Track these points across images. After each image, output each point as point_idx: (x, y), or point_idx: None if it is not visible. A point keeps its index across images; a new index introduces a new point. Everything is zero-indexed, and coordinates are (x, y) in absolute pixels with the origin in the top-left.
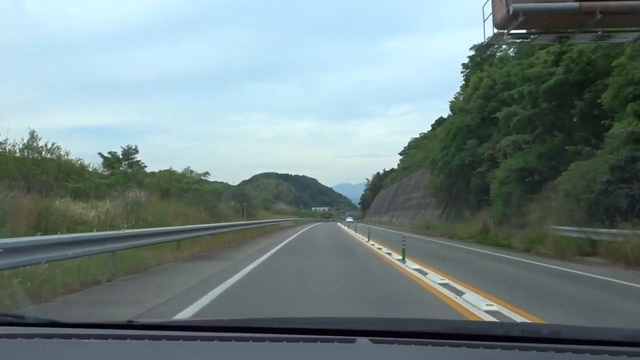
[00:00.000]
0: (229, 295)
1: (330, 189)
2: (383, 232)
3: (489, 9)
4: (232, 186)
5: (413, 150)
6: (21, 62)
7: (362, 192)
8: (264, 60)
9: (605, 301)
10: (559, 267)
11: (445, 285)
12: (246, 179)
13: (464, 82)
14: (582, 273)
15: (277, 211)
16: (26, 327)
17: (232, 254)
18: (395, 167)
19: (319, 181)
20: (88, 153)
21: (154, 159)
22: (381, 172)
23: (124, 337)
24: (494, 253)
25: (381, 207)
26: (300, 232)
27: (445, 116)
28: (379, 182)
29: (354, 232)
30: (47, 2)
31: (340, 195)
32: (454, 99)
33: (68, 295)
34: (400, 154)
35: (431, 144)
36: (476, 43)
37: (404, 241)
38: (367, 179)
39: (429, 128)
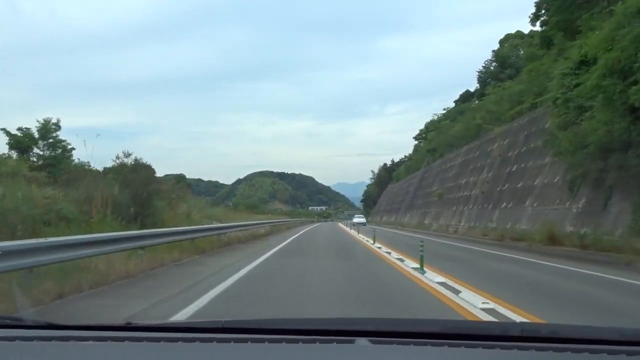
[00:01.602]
0: None
1: (328, 188)
2: None
3: None
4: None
5: (432, 132)
6: (15, 62)
7: (364, 190)
8: (261, 59)
9: None
10: None
11: None
12: (240, 177)
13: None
14: None
15: (273, 211)
16: (24, 330)
17: None
18: (406, 156)
19: (316, 180)
20: (83, 154)
21: (152, 159)
22: (389, 163)
23: (122, 339)
24: None
25: (395, 204)
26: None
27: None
28: (387, 174)
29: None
30: (44, 3)
31: (338, 194)
32: (482, 70)
33: None
34: (416, 138)
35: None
36: None
37: None
38: (372, 171)
39: (452, 105)
